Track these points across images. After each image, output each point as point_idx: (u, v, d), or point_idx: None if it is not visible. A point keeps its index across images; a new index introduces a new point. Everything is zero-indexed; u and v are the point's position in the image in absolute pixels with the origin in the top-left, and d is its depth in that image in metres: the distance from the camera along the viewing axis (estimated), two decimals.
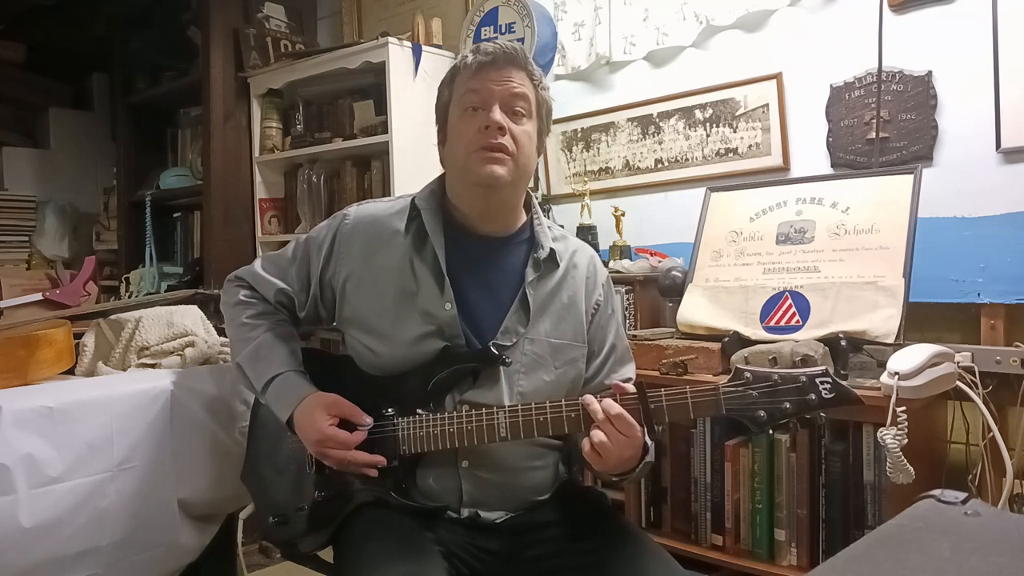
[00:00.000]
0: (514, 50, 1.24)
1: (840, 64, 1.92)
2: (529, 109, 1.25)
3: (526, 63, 1.25)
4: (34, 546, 1.34)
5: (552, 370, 1.28)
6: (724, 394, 1.08)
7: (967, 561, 0.66)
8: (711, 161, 2.16)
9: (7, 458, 1.31)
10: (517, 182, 1.26)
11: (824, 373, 1.05)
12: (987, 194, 1.71)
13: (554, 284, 1.31)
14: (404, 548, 1.14)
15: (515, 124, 1.23)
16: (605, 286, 1.38)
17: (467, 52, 1.26)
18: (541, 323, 1.28)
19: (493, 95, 1.22)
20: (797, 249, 1.77)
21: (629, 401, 1.11)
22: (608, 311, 1.37)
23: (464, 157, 1.23)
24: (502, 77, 1.22)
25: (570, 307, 1.31)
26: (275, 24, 3.08)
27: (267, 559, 2.63)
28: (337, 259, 1.31)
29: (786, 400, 1.05)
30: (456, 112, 1.26)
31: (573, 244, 1.38)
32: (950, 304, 1.75)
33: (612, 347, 1.36)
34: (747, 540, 1.66)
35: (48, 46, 3.77)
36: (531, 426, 1.16)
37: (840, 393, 1.04)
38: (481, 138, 1.21)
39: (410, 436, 1.21)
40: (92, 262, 2.91)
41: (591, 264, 1.37)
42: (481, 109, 1.22)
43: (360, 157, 2.75)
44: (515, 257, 1.31)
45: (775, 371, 1.07)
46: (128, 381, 1.58)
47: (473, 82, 1.23)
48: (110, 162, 3.67)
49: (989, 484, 1.57)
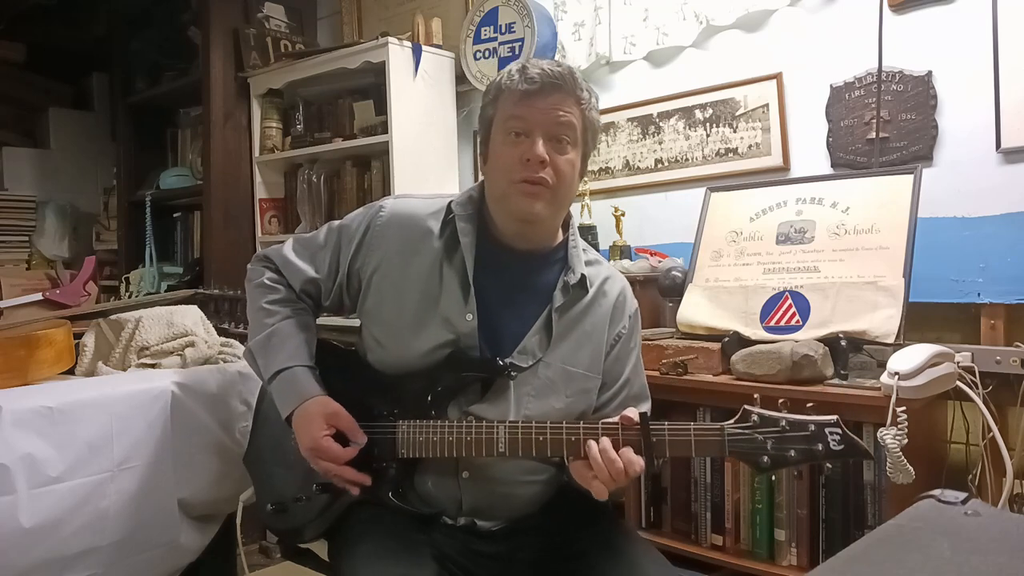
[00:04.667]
0: (561, 76, 1.18)
1: (840, 64, 1.92)
2: (574, 137, 1.21)
3: (574, 87, 1.19)
4: (34, 546, 1.34)
5: (563, 398, 1.25)
6: (729, 436, 1.06)
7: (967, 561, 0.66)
8: (711, 161, 2.16)
9: (7, 458, 1.32)
10: (556, 213, 1.24)
11: (835, 423, 1.02)
12: (987, 194, 1.71)
13: (579, 311, 1.28)
14: (397, 549, 1.15)
15: (558, 154, 1.18)
16: (632, 318, 1.34)
17: (514, 70, 1.20)
18: (559, 349, 1.25)
19: (537, 124, 1.17)
20: (797, 249, 1.77)
21: (631, 432, 1.09)
22: (630, 344, 1.33)
23: (504, 186, 1.20)
24: (548, 105, 1.17)
25: (591, 335, 1.28)
26: (275, 24, 3.08)
27: (267, 559, 2.63)
28: (368, 250, 1.29)
29: (792, 448, 1.03)
30: (499, 135, 1.22)
31: (605, 271, 1.35)
32: (950, 304, 1.75)
33: (626, 381, 1.32)
34: (747, 540, 1.65)
35: (48, 46, 3.77)
36: (530, 444, 1.14)
37: (849, 445, 1.02)
38: (522, 169, 1.17)
39: (409, 440, 1.20)
40: (92, 262, 2.91)
41: (621, 294, 1.34)
42: (524, 136, 1.18)
43: (360, 157, 2.75)
44: (545, 276, 1.28)
45: (784, 416, 1.04)
46: (128, 381, 1.58)
47: (518, 108, 1.18)
48: (110, 162, 3.67)
49: (989, 484, 1.57)
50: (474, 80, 2.52)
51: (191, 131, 3.34)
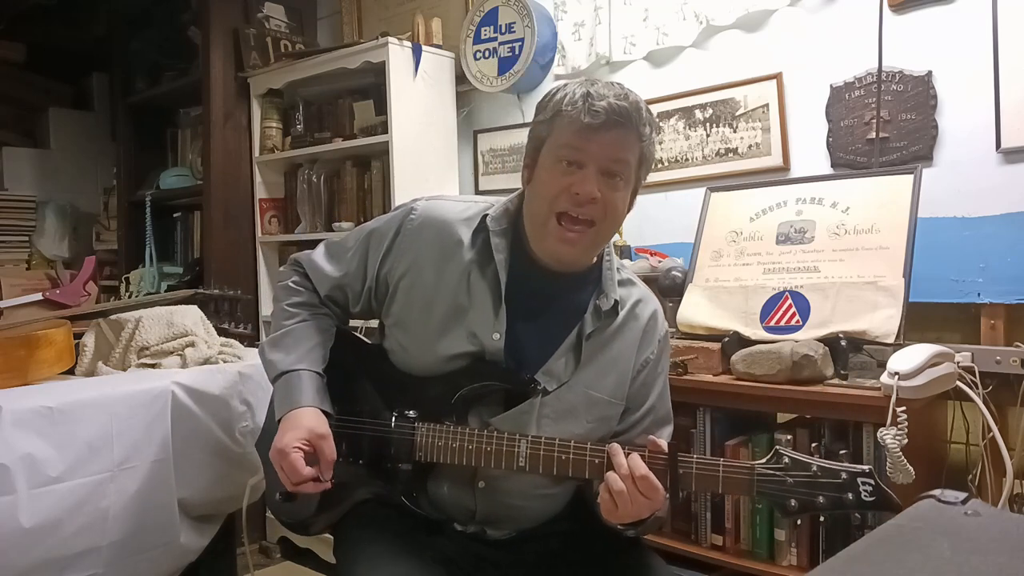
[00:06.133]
0: (626, 114, 1.11)
1: (840, 64, 1.92)
2: (628, 172, 1.15)
3: (638, 123, 1.12)
4: (34, 546, 1.34)
5: (584, 423, 1.21)
6: (759, 476, 1.03)
7: (967, 561, 0.66)
8: (711, 161, 2.16)
9: (7, 458, 1.32)
10: (592, 252, 1.20)
11: (868, 473, 0.99)
12: (987, 194, 1.71)
13: (608, 335, 1.23)
14: (404, 552, 1.14)
15: (610, 191, 1.13)
16: (661, 342, 1.29)
17: (578, 94, 1.12)
18: (584, 373, 1.21)
19: (593, 159, 1.12)
20: (797, 249, 1.77)
21: (657, 461, 1.06)
22: (657, 370, 1.28)
23: (545, 215, 1.15)
24: (608, 141, 1.11)
25: (617, 361, 1.23)
26: (275, 24, 3.08)
27: (267, 559, 2.63)
28: (397, 254, 1.25)
29: (821, 494, 1.00)
30: (549, 159, 1.15)
31: (637, 292, 1.29)
32: (950, 304, 1.75)
33: (651, 408, 1.28)
34: (747, 540, 1.65)
35: (48, 46, 3.76)
36: (551, 462, 1.12)
37: (881, 498, 0.98)
38: (567, 201, 1.12)
39: (428, 443, 1.18)
40: (92, 262, 2.91)
41: (653, 318, 1.28)
42: (577, 168, 1.12)
43: (360, 157, 2.75)
44: (577, 297, 1.23)
45: (816, 461, 1.02)
46: (128, 381, 1.58)
47: (575, 138, 1.12)
48: (110, 162, 3.67)
49: (989, 484, 1.57)
50: (474, 80, 2.53)
51: (191, 131, 3.34)
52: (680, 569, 1.62)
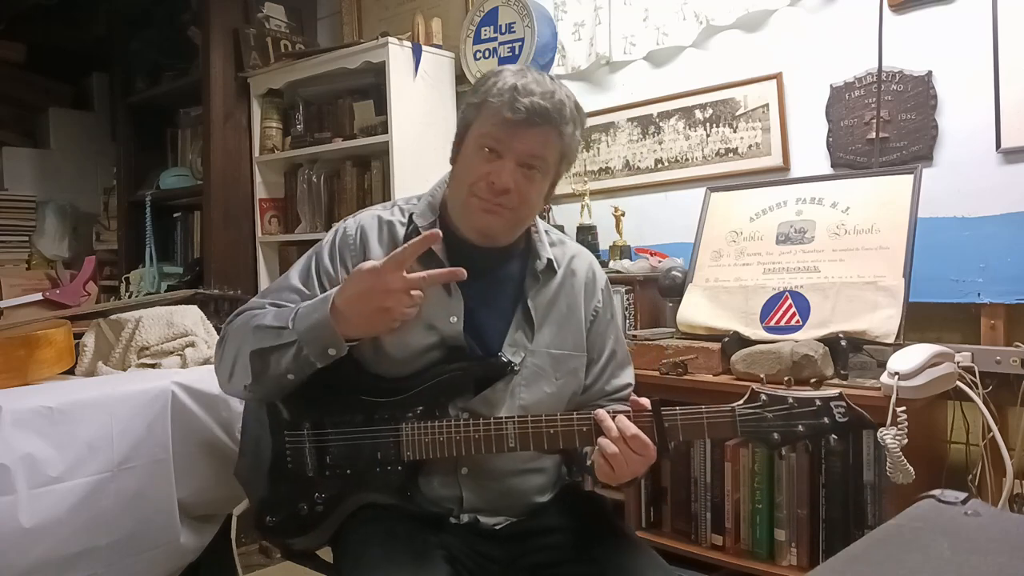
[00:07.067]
0: (547, 114, 1.14)
1: (840, 64, 1.92)
2: (546, 167, 1.19)
3: (560, 123, 1.16)
4: (34, 546, 1.34)
5: (553, 381, 1.26)
6: (740, 416, 1.09)
7: (967, 561, 0.66)
8: (711, 161, 2.16)
9: (7, 458, 1.32)
10: (514, 231, 1.25)
11: (838, 397, 1.06)
12: (987, 194, 1.71)
13: (552, 293, 1.29)
14: (408, 553, 1.14)
15: (526, 181, 1.17)
16: (604, 291, 1.36)
17: (505, 88, 1.15)
18: (542, 335, 1.27)
19: (512, 151, 1.16)
20: (797, 249, 1.77)
21: (643, 418, 1.10)
22: (607, 316, 1.35)
23: (466, 196, 1.20)
24: (528, 137, 1.15)
25: (569, 316, 1.30)
26: (275, 24, 3.08)
27: (267, 559, 2.63)
28: (343, 261, 1.26)
29: (800, 423, 1.07)
30: (473, 143, 1.20)
31: (571, 249, 1.36)
32: (950, 304, 1.75)
33: (612, 353, 1.35)
34: (747, 540, 1.65)
35: (48, 46, 3.77)
36: (541, 438, 1.14)
37: (854, 417, 1.06)
38: (486, 186, 1.17)
39: (415, 442, 1.19)
40: (92, 262, 2.91)
41: (590, 270, 1.35)
42: (496, 157, 1.16)
43: (360, 157, 2.75)
44: (512, 267, 1.29)
45: (790, 393, 1.08)
46: (128, 381, 1.58)
47: (496, 130, 1.16)
48: (110, 162, 3.67)
49: (989, 484, 1.57)
50: (474, 80, 2.52)
51: (191, 131, 3.34)
52: (680, 569, 1.62)
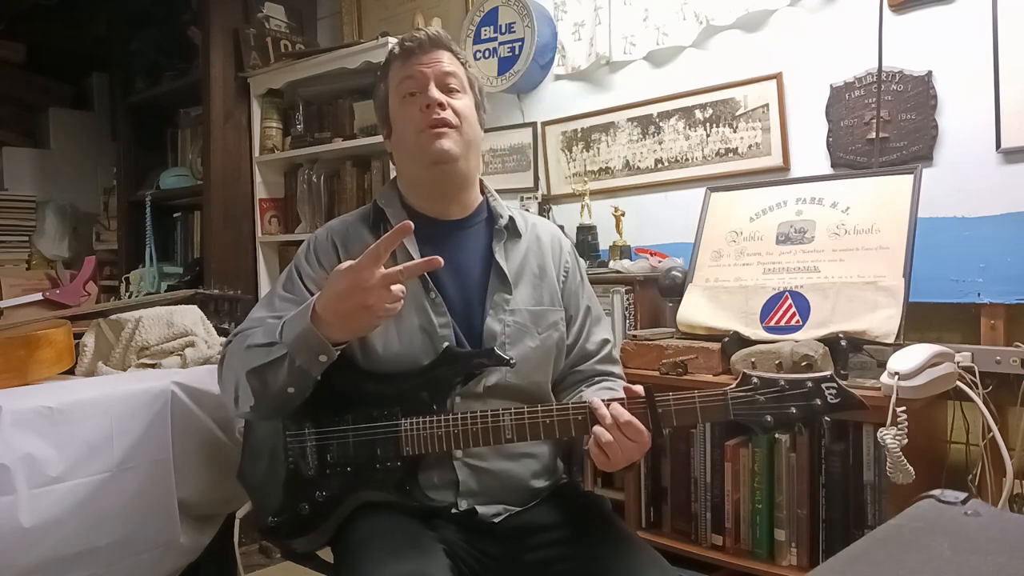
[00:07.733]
0: (437, 33, 1.32)
1: (840, 64, 1.92)
2: (462, 84, 1.31)
3: (450, 44, 1.32)
4: (34, 546, 1.34)
5: (536, 336, 1.31)
6: (732, 399, 1.09)
7: (967, 561, 0.66)
8: (711, 161, 2.16)
9: (7, 458, 1.32)
10: (467, 153, 1.30)
11: (830, 378, 1.06)
12: (987, 194, 1.71)
13: (522, 255, 1.35)
14: (408, 546, 1.14)
15: (452, 99, 1.28)
16: (571, 254, 1.43)
17: (393, 45, 1.34)
18: (518, 293, 1.32)
19: (426, 76, 1.27)
20: (797, 249, 1.77)
21: (636, 404, 1.11)
22: (577, 278, 1.41)
23: (413, 139, 1.27)
24: (431, 59, 1.29)
25: (542, 275, 1.35)
26: (275, 24, 3.08)
27: (267, 559, 2.63)
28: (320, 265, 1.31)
29: (792, 405, 1.07)
30: (395, 101, 1.31)
31: (532, 218, 1.43)
32: (950, 304, 1.75)
33: (588, 308, 1.40)
34: (747, 540, 1.66)
35: (48, 46, 3.77)
36: (537, 428, 1.16)
37: (845, 398, 1.05)
38: (424, 117, 1.25)
39: (413, 437, 1.20)
40: (92, 262, 2.91)
41: (554, 236, 1.42)
42: (418, 93, 1.27)
43: (360, 157, 2.75)
44: (478, 235, 1.35)
45: (782, 376, 1.09)
46: (128, 381, 1.58)
47: (405, 69, 1.29)
48: (110, 162, 3.67)
49: (989, 484, 1.57)
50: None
51: (191, 131, 3.34)
52: (680, 569, 1.62)
